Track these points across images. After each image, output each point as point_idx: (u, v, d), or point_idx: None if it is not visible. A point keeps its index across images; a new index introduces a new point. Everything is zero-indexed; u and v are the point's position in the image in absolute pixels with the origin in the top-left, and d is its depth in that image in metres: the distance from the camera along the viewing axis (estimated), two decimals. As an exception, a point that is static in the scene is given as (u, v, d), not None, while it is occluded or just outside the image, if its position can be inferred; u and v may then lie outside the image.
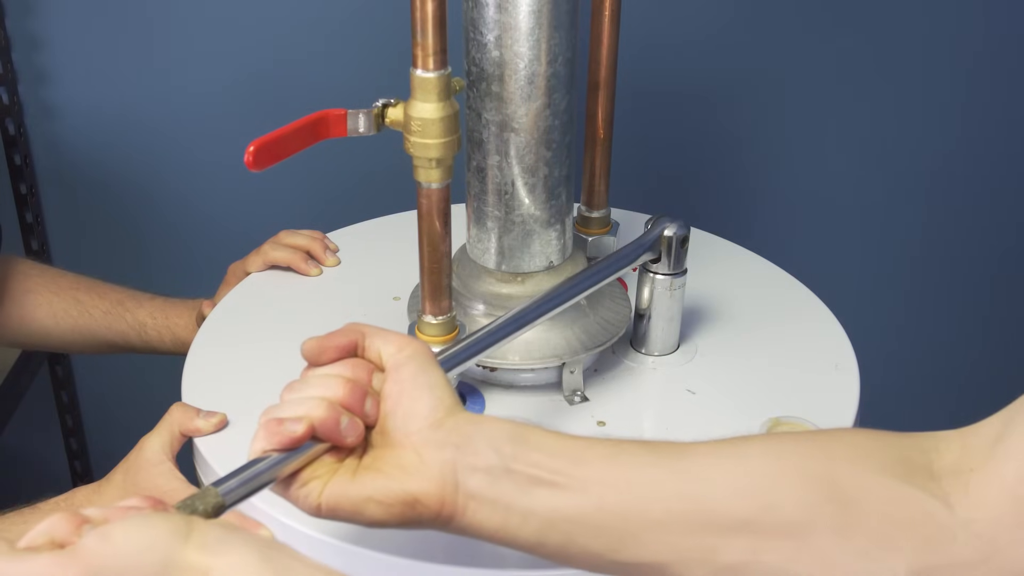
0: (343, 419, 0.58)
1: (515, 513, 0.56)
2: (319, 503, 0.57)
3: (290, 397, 0.60)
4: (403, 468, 0.57)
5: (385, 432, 0.59)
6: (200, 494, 0.54)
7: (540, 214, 0.84)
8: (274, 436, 0.57)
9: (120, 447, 0.85)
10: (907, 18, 1.36)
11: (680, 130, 1.43)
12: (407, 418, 0.58)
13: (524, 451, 0.57)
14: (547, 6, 0.77)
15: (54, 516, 0.48)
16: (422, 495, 0.56)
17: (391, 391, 0.59)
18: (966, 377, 1.62)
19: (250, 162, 0.74)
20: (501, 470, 0.56)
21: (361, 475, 0.57)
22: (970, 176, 1.46)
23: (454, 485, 0.56)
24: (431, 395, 0.59)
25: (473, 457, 0.56)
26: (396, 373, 0.60)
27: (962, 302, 1.56)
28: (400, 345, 0.61)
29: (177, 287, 1.18)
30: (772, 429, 0.81)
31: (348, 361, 0.61)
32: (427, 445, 0.57)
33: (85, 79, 1.37)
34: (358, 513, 0.57)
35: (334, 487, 0.57)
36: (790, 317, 0.96)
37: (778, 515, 0.53)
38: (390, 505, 0.56)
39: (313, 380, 0.60)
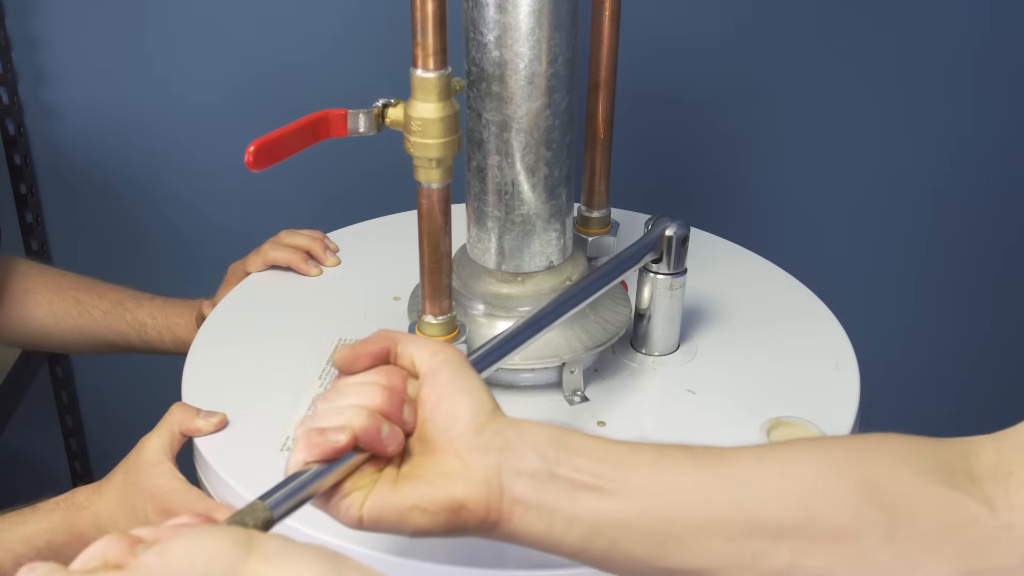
0: (384, 427, 0.56)
1: (560, 518, 0.55)
2: (361, 515, 0.55)
3: (326, 407, 0.58)
4: (446, 474, 0.56)
5: (425, 439, 0.58)
6: (248, 509, 0.52)
7: (540, 214, 0.84)
8: (316, 447, 0.55)
9: (120, 447, 0.85)
10: (907, 19, 1.36)
11: (680, 130, 1.43)
12: (448, 423, 0.57)
13: (568, 455, 0.56)
14: (547, 6, 0.77)
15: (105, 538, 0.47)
16: (468, 501, 0.55)
17: (429, 396, 0.58)
18: (967, 376, 1.62)
19: (250, 162, 0.74)
20: (546, 475, 0.55)
21: (403, 484, 0.56)
22: (970, 175, 1.46)
23: (499, 490, 0.55)
24: (471, 399, 0.58)
25: (518, 462, 0.56)
26: (432, 378, 0.59)
27: (963, 301, 1.56)
28: (434, 350, 0.60)
29: (177, 287, 1.18)
30: (772, 429, 0.81)
31: (381, 368, 0.60)
32: (470, 450, 0.56)
33: (85, 79, 1.37)
34: (403, 522, 0.55)
35: (376, 497, 0.56)
36: (790, 317, 0.96)
37: (823, 520, 0.53)
38: (435, 513, 0.55)
39: (349, 389, 0.59)
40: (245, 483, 0.76)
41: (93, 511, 0.80)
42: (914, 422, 1.68)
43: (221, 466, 0.78)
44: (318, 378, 0.88)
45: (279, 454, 0.80)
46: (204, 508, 0.76)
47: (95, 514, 0.80)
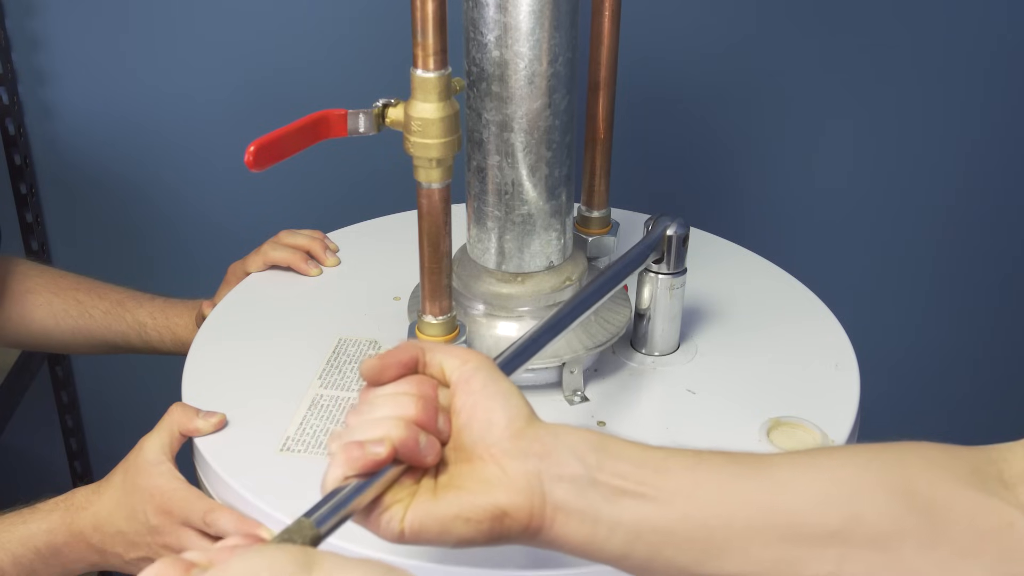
0: (421, 438, 0.56)
1: (603, 524, 0.55)
2: (403, 528, 0.55)
3: (359, 420, 0.57)
4: (487, 482, 0.55)
5: (461, 447, 0.57)
6: (295, 528, 0.52)
7: (540, 214, 0.84)
8: (357, 461, 0.54)
9: (120, 447, 0.85)
10: (907, 20, 1.35)
11: (680, 130, 1.43)
12: (484, 430, 0.56)
13: (608, 461, 0.55)
14: (547, 6, 0.77)
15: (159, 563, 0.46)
16: (510, 508, 0.54)
17: (463, 404, 0.58)
18: (967, 376, 1.62)
19: (250, 162, 0.74)
20: (587, 481, 0.55)
21: (443, 494, 0.55)
22: (970, 174, 1.46)
23: (541, 496, 0.55)
24: (506, 404, 0.57)
25: (558, 467, 0.55)
26: (465, 385, 0.58)
27: (964, 300, 1.56)
28: (464, 357, 0.59)
29: (177, 287, 1.18)
30: (772, 429, 0.81)
31: (411, 378, 0.59)
32: (509, 456, 0.55)
33: (85, 79, 1.37)
34: (445, 533, 0.55)
35: (417, 509, 0.55)
36: (790, 317, 0.96)
37: (864, 526, 0.53)
38: (478, 522, 0.54)
39: (381, 400, 0.58)
40: (245, 483, 0.76)
41: (93, 511, 0.80)
42: (914, 422, 1.68)
43: (221, 466, 0.78)
44: (318, 378, 0.88)
45: (279, 454, 0.80)
46: (204, 508, 0.76)
47: (95, 514, 0.80)
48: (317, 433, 0.82)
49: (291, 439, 0.81)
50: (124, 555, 0.79)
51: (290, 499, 0.75)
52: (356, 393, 0.86)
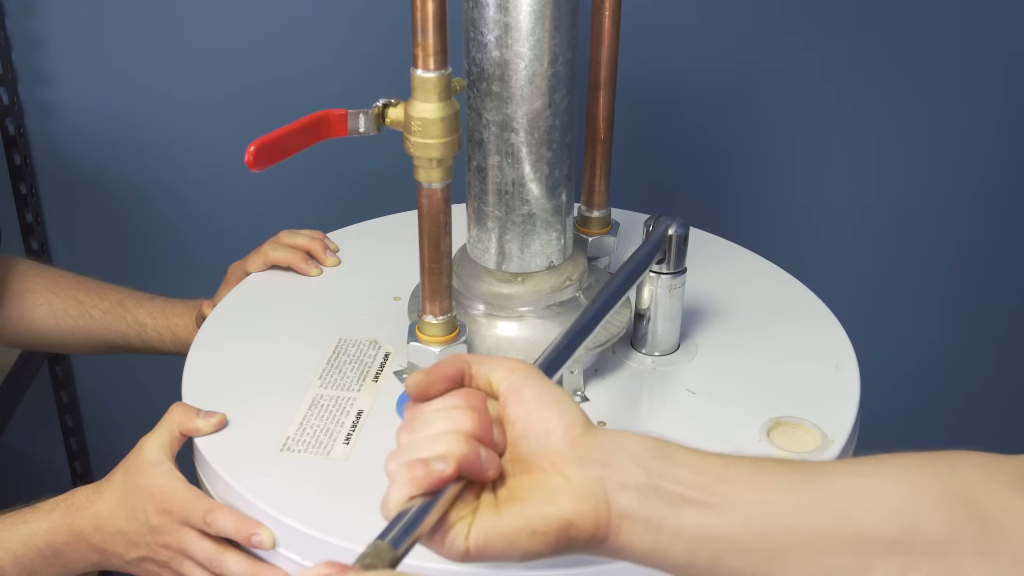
0: (482, 451, 0.54)
1: (667, 532, 0.54)
2: (468, 546, 0.54)
3: (415, 437, 0.56)
4: (550, 492, 0.54)
5: (519, 459, 0.56)
6: (373, 552, 0.51)
7: (540, 214, 0.84)
8: (422, 479, 0.53)
9: (120, 447, 0.85)
10: (907, 21, 1.36)
11: (680, 130, 1.43)
12: (542, 439, 0.55)
13: (669, 467, 0.54)
14: (548, 6, 0.77)
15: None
16: (576, 517, 0.53)
17: (517, 414, 0.56)
18: (967, 376, 1.62)
19: (250, 162, 0.74)
20: (650, 488, 0.54)
21: (506, 508, 0.54)
22: (969, 174, 1.46)
23: (606, 504, 0.54)
24: (562, 412, 0.56)
25: (620, 474, 0.54)
26: (517, 395, 0.57)
27: (963, 299, 1.56)
28: (510, 367, 0.58)
29: (177, 287, 1.18)
30: (772, 429, 0.81)
31: (459, 392, 0.58)
32: (570, 464, 0.54)
33: (85, 79, 1.37)
34: (511, 548, 0.53)
35: (481, 526, 0.54)
36: (790, 317, 0.96)
37: (923, 534, 0.52)
38: (545, 533, 0.53)
39: (434, 416, 0.56)
40: (245, 483, 0.76)
41: (93, 511, 0.80)
42: (915, 421, 1.68)
43: (221, 466, 0.78)
44: (318, 378, 0.88)
45: (279, 454, 0.80)
46: (204, 508, 0.76)
47: (95, 514, 0.80)
48: (317, 433, 0.82)
49: (291, 439, 0.81)
50: (124, 555, 0.79)
51: (290, 499, 0.75)
52: (356, 393, 0.86)
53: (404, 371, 0.88)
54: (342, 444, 0.81)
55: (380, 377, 0.88)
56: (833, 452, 0.79)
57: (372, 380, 0.88)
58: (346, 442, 0.81)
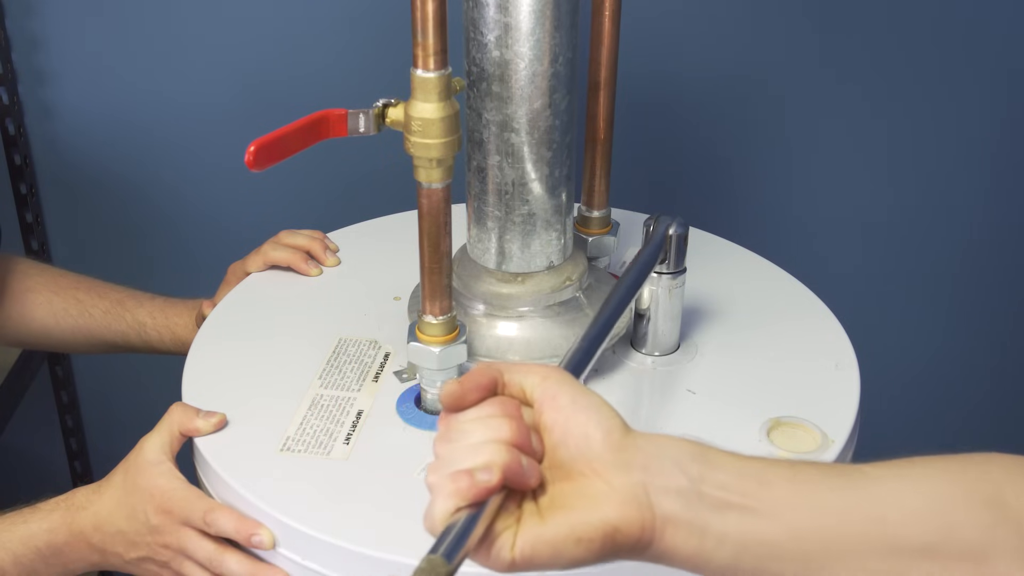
0: (523, 460, 0.54)
1: (711, 536, 0.53)
2: (513, 556, 0.53)
3: (455, 447, 0.55)
4: (593, 498, 0.53)
5: (558, 465, 0.55)
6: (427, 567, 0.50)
7: (540, 214, 0.84)
8: (468, 490, 0.52)
9: (120, 447, 0.85)
10: (906, 20, 1.36)
11: (680, 130, 1.43)
12: (582, 445, 0.55)
13: (710, 472, 0.54)
14: (548, 6, 0.77)
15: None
16: (622, 523, 0.53)
17: (554, 421, 0.56)
18: (967, 375, 1.62)
19: (250, 162, 0.74)
20: (692, 492, 0.53)
21: (550, 516, 0.53)
22: (970, 175, 1.46)
23: (650, 508, 0.53)
24: (600, 417, 0.55)
25: (662, 478, 0.54)
26: (552, 402, 0.56)
27: (963, 299, 1.56)
28: (543, 373, 0.58)
29: (177, 287, 1.17)
30: (772, 429, 0.81)
31: (494, 401, 0.57)
32: (612, 469, 0.54)
33: (85, 79, 1.37)
34: (557, 556, 0.53)
35: (526, 535, 0.53)
36: (790, 317, 0.96)
37: (959, 538, 0.52)
38: (591, 540, 0.53)
39: (472, 425, 0.56)
40: (245, 483, 0.76)
41: (93, 511, 0.80)
42: (914, 421, 1.68)
43: (221, 466, 0.78)
44: (318, 378, 0.88)
45: (279, 454, 0.80)
46: (204, 508, 0.76)
47: (95, 514, 0.80)
48: (317, 433, 0.82)
49: (291, 439, 0.81)
50: (124, 555, 0.79)
51: (290, 499, 0.75)
52: (356, 393, 0.86)
53: (404, 371, 0.89)
54: (342, 444, 0.81)
55: (380, 377, 0.88)
56: (833, 452, 0.79)
57: (372, 380, 0.88)
58: (346, 442, 0.81)
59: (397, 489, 0.77)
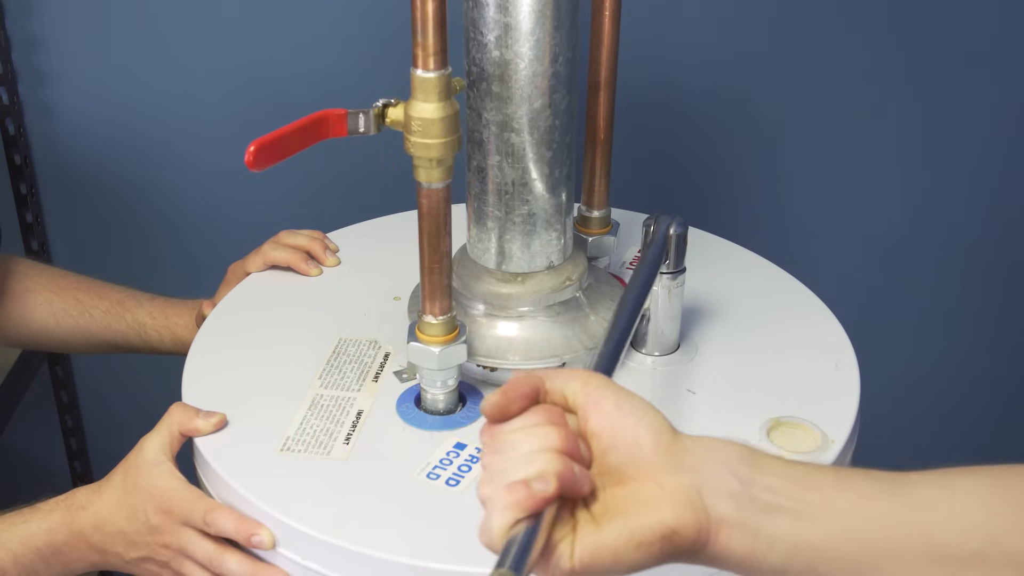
0: (575, 467, 0.53)
1: (763, 538, 0.54)
2: (573, 565, 0.52)
3: (504, 458, 0.54)
4: (648, 502, 0.53)
5: (609, 470, 0.55)
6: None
7: (540, 214, 0.84)
8: (526, 501, 0.51)
9: (120, 447, 0.85)
10: (908, 21, 1.36)
11: (680, 130, 1.43)
12: (632, 449, 0.55)
13: (759, 475, 0.54)
14: (548, 6, 0.77)
15: None
16: (679, 524, 0.53)
17: (601, 426, 0.56)
18: (967, 375, 1.62)
19: (250, 162, 0.74)
20: (744, 495, 0.54)
21: (606, 522, 0.53)
22: (970, 175, 1.46)
23: (704, 510, 0.53)
24: (647, 420, 0.56)
25: (713, 480, 0.54)
26: (597, 407, 0.56)
27: (963, 299, 1.56)
28: (584, 379, 0.57)
29: (177, 287, 1.18)
30: (772, 429, 0.81)
31: (538, 409, 0.57)
32: (664, 472, 0.54)
33: (85, 79, 1.37)
34: (618, 562, 0.53)
35: (585, 543, 0.52)
36: (790, 317, 0.96)
37: (1002, 547, 0.53)
38: (650, 543, 0.52)
39: (520, 435, 0.55)
40: (245, 483, 0.76)
41: (93, 511, 0.80)
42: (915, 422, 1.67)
43: (221, 466, 0.78)
44: (318, 378, 0.88)
45: (279, 454, 0.80)
46: (204, 508, 0.76)
47: (95, 514, 0.80)
48: (317, 433, 0.82)
49: (291, 439, 0.81)
50: (124, 555, 0.79)
51: (290, 499, 0.75)
52: (356, 393, 0.86)
53: (404, 371, 0.89)
54: (342, 444, 0.81)
55: (380, 377, 0.88)
56: (833, 452, 0.79)
57: (372, 380, 0.88)
58: (346, 442, 0.81)
59: (397, 489, 0.77)
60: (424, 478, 0.78)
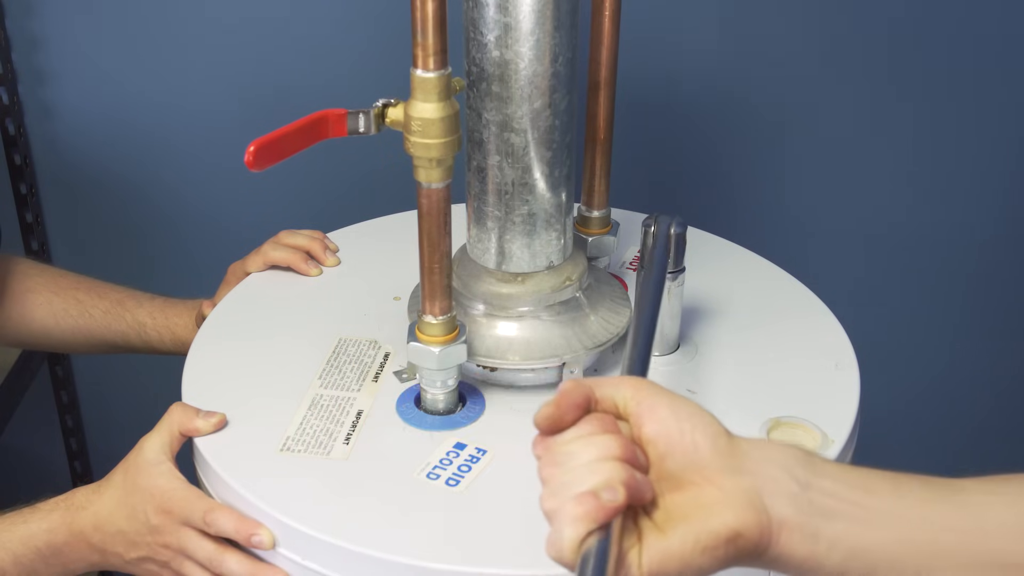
0: (637, 475, 0.53)
1: (822, 541, 0.54)
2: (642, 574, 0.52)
3: (565, 470, 0.54)
4: (710, 506, 0.53)
5: (667, 476, 0.55)
6: None
7: (540, 214, 0.84)
8: (598, 513, 0.51)
9: (120, 447, 0.85)
10: (908, 21, 1.36)
11: (680, 130, 1.43)
12: (691, 454, 0.54)
13: (815, 478, 0.54)
14: (548, 6, 0.77)
15: None
16: (742, 527, 0.53)
17: (657, 432, 0.55)
18: (967, 375, 1.62)
19: (250, 162, 0.74)
20: (803, 497, 0.54)
21: (671, 529, 0.53)
22: (972, 174, 1.46)
23: (766, 512, 0.53)
24: (703, 424, 0.55)
25: (772, 483, 0.54)
26: (651, 413, 0.56)
27: (962, 299, 1.56)
28: (635, 385, 0.57)
29: (177, 287, 1.17)
30: (772, 429, 0.81)
31: (591, 418, 0.56)
32: (724, 475, 0.54)
33: (85, 79, 1.37)
34: (686, 568, 0.52)
35: (652, 552, 0.52)
36: (790, 316, 0.96)
37: None
38: (715, 548, 0.52)
39: (578, 445, 0.54)
40: (245, 483, 0.76)
41: (93, 511, 0.80)
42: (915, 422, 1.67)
43: (221, 466, 0.78)
44: (318, 378, 0.88)
45: (279, 454, 0.80)
46: (204, 508, 0.76)
47: (95, 514, 0.80)
48: (317, 433, 0.82)
49: (291, 439, 0.81)
50: (124, 555, 0.79)
51: (290, 499, 0.75)
52: (356, 393, 0.86)
53: (404, 371, 0.89)
54: (342, 444, 0.81)
55: (380, 377, 0.88)
56: (833, 452, 0.79)
57: (372, 380, 0.88)
58: (346, 442, 0.81)
59: (397, 489, 0.77)
60: (424, 478, 0.78)
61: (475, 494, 0.76)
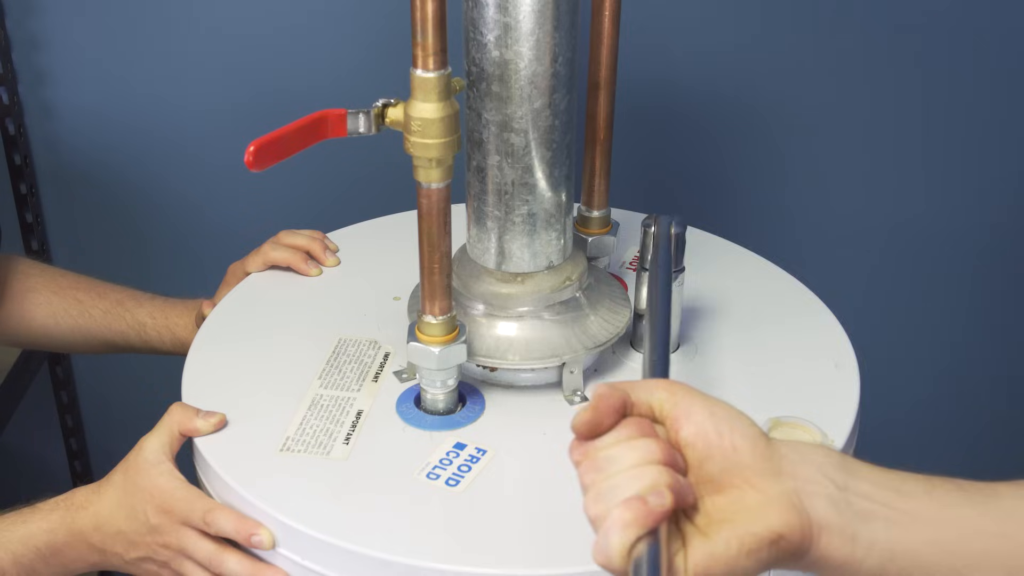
0: (679, 478, 0.53)
1: (861, 543, 0.54)
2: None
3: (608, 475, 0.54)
4: (752, 509, 0.53)
5: (706, 479, 0.55)
6: None
7: (540, 214, 0.84)
8: (647, 518, 0.50)
9: (120, 447, 0.85)
10: (908, 21, 1.36)
11: (680, 130, 1.43)
12: (732, 456, 0.54)
13: (853, 481, 0.55)
14: (548, 6, 0.77)
15: None
16: (785, 529, 0.53)
17: (695, 435, 0.55)
18: (967, 375, 1.62)
19: (250, 162, 0.74)
20: (841, 499, 0.54)
21: (715, 532, 0.53)
22: (972, 174, 1.46)
23: (806, 514, 0.53)
24: (741, 427, 0.55)
25: (811, 485, 0.54)
26: (688, 418, 0.55)
27: (962, 299, 1.56)
28: (670, 388, 0.57)
29: (177, 287, 1.18)
30: (772, 429, 0.81)
31: (630, 422, 0.56)
32: (764, 477, 0.54)
33: (85, 79, 1.37)
34: (730, 572, 0.52)
35: (697, 555, 0.52)
36: (790, 316, 0.96)
37: None
38: (759, 550, 0.52)
39: (618, 450, 0.54)
40: (245, 483, 0.76)
41: (93, 511, 0.80)
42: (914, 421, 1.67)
43: (221, 466, 0.78)
44: (318, 378, 0.88)
45: (279, 454, 0.80)
46: (204, 508, 0.76)
47: (95, 514, 0.80)
48: (317, 433, 0.82)
49: (291, 439, 0.81)
50: (124, 555, 0.79)
51: (290, 499, 0.75)
52: (356, 393, 0.86)
53: (404, 371, 0.89)
54: (342, 444, 0.81)
55: (380, 377, 0.88)
56: (833, 452, 0.79)
57: (372, 380, 0.88)
58: (346, 442, 0.81)
59: (397, 489, 0.77)
60: (424, 478, 0.78)
61: (475, 494, 0.76)
